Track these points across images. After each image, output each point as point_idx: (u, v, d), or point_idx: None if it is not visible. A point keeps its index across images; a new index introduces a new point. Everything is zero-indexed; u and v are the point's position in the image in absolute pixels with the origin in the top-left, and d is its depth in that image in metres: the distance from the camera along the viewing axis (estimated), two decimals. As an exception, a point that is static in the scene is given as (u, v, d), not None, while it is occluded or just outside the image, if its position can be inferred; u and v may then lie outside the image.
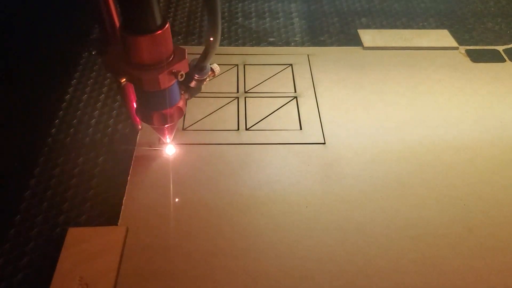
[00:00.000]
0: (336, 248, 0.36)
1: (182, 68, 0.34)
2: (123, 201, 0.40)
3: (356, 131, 0.46)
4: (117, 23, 0.36)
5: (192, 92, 0.40)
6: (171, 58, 0.34)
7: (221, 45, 0.59)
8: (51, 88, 0.50)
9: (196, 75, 0.38)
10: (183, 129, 0.46)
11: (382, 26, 0.62)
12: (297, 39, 0.60)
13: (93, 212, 0.39)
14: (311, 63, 0.54)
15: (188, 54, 0.35)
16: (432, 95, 0.51)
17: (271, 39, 0.60)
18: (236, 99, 0.50)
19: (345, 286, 0.34)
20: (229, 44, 0.59)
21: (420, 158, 0.44)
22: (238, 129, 0.47)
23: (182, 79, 0.34)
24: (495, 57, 0.57)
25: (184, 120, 0.47)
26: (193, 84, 0.38)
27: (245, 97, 0.50)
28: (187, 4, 0.67)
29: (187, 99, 0.39)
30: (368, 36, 0.59)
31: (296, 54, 0.57)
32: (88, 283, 0.33)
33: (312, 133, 0.46)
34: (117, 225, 0.38)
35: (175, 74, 0.34)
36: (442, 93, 0.51)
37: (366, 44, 0.58)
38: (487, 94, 0.51)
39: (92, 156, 0.44)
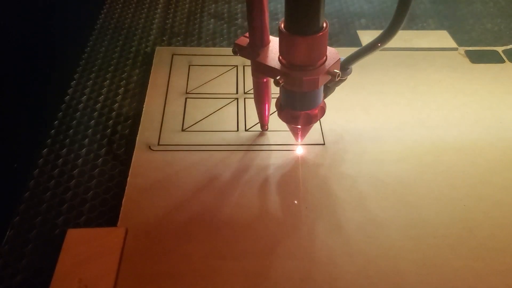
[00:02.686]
0: (336, 249, 0.36)
1: (337, 68, 0.35)
2: (123, 202, 0.39)
3: (355, 131, 0.46)
4: (267, 27, 0.37)
5: (328, 92, 0.40)
6: (325, 59, 0.34)
7: (220, 46, 0.60)
8: (50, 89, 0.50)
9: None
10: (182, 130, 0.46)
11: (381, 27, 0.62)
12: (296, 40, 0.60)
13: (92, 213, 0.39)
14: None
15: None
16: (432, 96, 0.51)
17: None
18: (236, 100, 0.50)
19: (345, 287, 0.34)
20: (229, 45, 0.59)
21: (420, 158, 0.44)
22: (237, 130, 0.46)
23: (339, 79, 0.35)
24: (494, 58, 0.57)
25: (183, 121, 0.47)
26: (332, 84, 0.39)
27: (244, 98, 0.50)
28: (187, 5, 0.67)
29: (323, 98, 0.40)
30: (367, 37, 0.59)
31: (295, 55, 0.56)
32: (88, 285, 0.33)
33: (311, 134, 0.46)
34: (116, 226, 0.38)
35: (332, 75, 0.34)
36: (442, 93, 0.51)
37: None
38: (486, 95, 0.51)
39: (91, 158, 0.44)
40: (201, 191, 0.41)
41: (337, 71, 0.34)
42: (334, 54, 0.35)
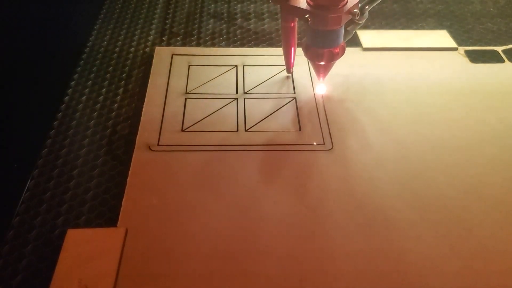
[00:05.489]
0: (336, 249, 0.36)
1: (356, 9, 0.41)
2: (122, 202, 0.39)
3: (355, 131, 0.46)
4: None
5: (347, 35, 0.45)
6: (346, 1, 0.41)
7: (219, 46, 0.60)
8: (49, 90, 0.50)
9: (356, 19, 0.43)
10: (182, 130, 0.46)
11: (381, 27, 0.62)
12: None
13: (92, 214, 0.39)
14: (310, 64, 0.54)
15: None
16: (431, 96, 0.51)
17: (270, 40, 0.60)
18: (235, 100, 0.50)
19: (345, 287, 0.34)
20: (228, 45, 0.59)
21: (420, 158, 0.44)
22: (237, 130, 0.46)
23: (358, 18, 0.41)
24: (494, 58, 0.57)
25: (183, 121, 0.47)
26: (350, 27, 0.44)
27: (244, 98, 0.50)
28: (186, 5, 0.67)
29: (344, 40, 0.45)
30: (367, 37, 0.59)
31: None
32: (88, 285, 0.33)
33: (311, 134, 0.46)
34: (116, 226, 0.38)
35: (353, 14, 0.41)
36: (441, 93, 0.51)
37: (365, 45, 0.58)
38: (486, 95, 0.51)
39: (91, 158, 0.44)
40: (200, 191, 0.41)
41: (357, 10, 0.41)
42: None
